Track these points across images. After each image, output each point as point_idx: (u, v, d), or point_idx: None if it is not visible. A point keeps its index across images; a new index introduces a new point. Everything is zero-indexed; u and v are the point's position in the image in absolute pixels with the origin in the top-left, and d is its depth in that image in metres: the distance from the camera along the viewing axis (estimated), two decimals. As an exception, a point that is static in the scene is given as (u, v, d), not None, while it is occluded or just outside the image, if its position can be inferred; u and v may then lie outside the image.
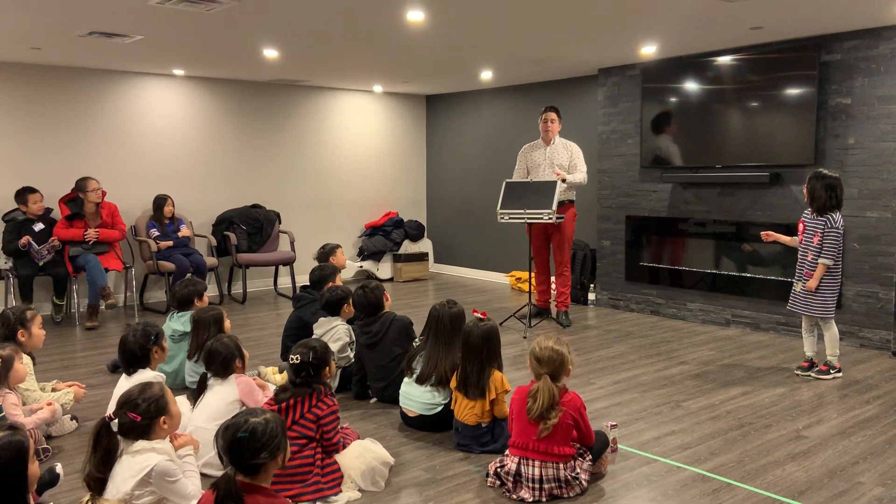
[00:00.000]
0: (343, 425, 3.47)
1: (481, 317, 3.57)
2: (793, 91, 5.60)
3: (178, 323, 4.55)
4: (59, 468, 2.81)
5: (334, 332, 4.41)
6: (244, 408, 3.22)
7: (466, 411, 3.45)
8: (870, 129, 5.32)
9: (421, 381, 3.69)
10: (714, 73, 6.06)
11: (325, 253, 5.44)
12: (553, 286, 6.63)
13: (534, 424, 2.97)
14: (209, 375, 3.41)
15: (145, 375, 3.37)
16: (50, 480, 2.79)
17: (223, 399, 3.30)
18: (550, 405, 2.94)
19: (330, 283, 4.89)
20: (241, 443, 2.21)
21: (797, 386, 4.51)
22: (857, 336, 5.45)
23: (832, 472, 3.25)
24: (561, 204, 6.10)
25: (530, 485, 2.96)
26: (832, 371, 4.65)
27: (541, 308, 6.50)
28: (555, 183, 5.88)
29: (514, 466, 3.00)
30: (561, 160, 6.22)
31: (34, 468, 2.16)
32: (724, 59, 5.98)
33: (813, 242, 4.60)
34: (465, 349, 3.49)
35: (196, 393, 3.40)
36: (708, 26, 5.21)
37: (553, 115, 6.21)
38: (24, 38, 5.53)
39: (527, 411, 2.98)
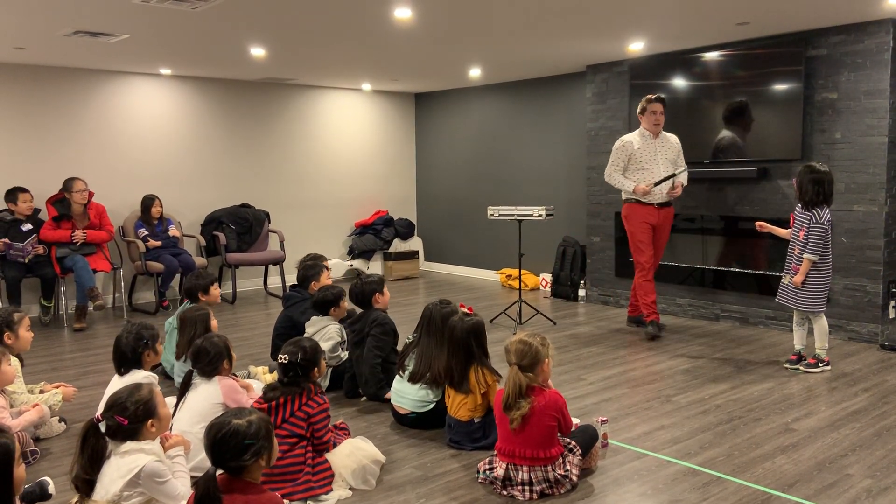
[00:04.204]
0: (338, 422, 3.47)
1: (468, 311, 3.59)
2: (779, 86, 5.62)
3: (175, 318, 4.40)
4: (51, 487, 2.79)
5: (326, 332, 4.40)
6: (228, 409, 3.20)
7: (459, 407, 3.46)
8: (856, 123, 5.35)
9: (414, 380, 3.68)
10: (701, 68, 6.08)
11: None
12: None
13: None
14: (194, 374, 3.39)
15: (137, 376, 3.34)
16: (41, 495, 2.76)
17: (206, 401, 3.27)
18: (517, 395, 2.94)
19: (314, 283, 4.84)
20: (223, 444, 2.22)
21: (786, 379, 4.54)
22: (846, 329, 5.48)
23: (821, 464, 3.26)
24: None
25: (521, 487, 2.96)
26: (820, 364, 4.68)
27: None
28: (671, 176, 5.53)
29: (502, 472, 3.00)
30: (671, 154, 5.64)
31: (20, 471, 2.14)
32: (712, 55, 6.00)
33: (799, 237, 4.62)
34: (451, 344, 3.52)
35: (180, 391, 3.37)
36: (695, 22, 5.23)
37: (661, 107, 5.51)
38: (8, 37, 5.48)
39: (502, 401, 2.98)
